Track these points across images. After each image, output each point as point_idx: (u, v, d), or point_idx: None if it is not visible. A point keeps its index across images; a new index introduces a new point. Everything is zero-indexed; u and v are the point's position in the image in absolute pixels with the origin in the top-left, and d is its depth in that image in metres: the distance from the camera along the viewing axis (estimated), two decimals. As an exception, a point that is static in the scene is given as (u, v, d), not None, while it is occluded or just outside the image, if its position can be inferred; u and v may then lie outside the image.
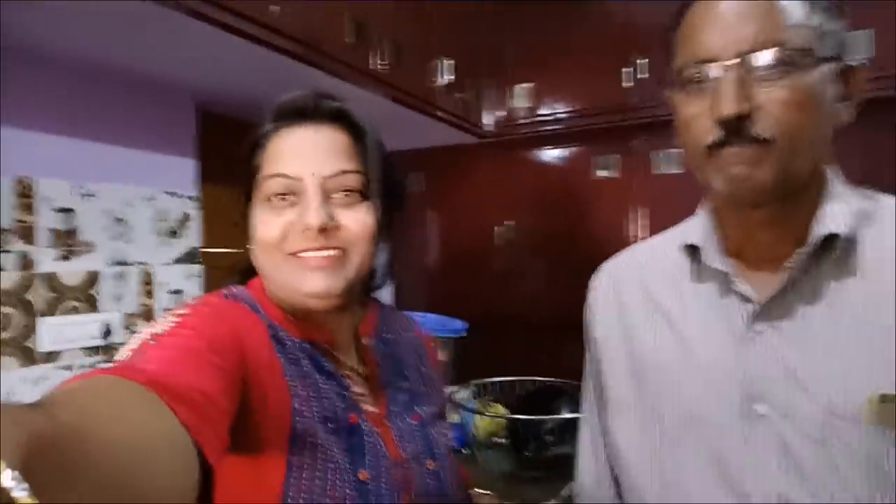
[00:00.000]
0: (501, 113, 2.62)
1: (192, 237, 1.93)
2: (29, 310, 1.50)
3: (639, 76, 2.36)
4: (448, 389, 2.06)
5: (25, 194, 1.49)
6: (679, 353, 0.72)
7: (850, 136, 0.74)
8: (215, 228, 2.00)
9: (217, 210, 1.98)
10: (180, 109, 1.90)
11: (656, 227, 0.90)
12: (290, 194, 0.71)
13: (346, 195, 0.72)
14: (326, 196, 0.71)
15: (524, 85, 2.58)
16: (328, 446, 0.66)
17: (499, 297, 2.73)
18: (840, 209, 0.66)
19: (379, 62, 1.86)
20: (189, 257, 1.92)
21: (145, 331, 0.60)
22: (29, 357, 1.50)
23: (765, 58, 0.61)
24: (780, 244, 0.68)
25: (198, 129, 1.93)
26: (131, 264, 1.75)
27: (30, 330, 1.50)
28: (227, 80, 1.76)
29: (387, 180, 0.77)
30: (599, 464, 0.85)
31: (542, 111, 2.55)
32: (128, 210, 1.74)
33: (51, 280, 1.55)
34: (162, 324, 0.60)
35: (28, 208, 1.50)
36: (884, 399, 0.58)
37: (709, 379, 0.68)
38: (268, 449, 0.63)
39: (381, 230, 0.75)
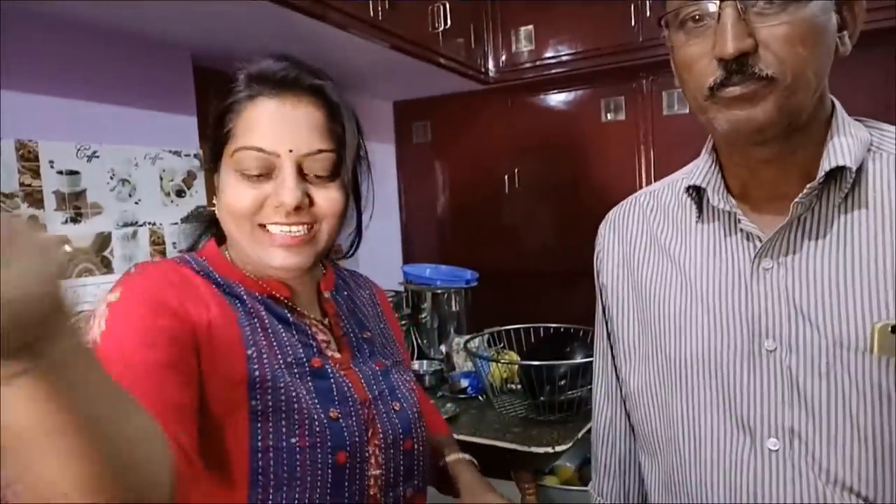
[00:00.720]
0: (504, 57, 2.57)
1: (199, 196, 1.93)
2: (43, 274, 1.52)
3: (644, 14, 2.30)
4: (462, 338, 2.09)
5: (28, 157, 1.49)
6: (687, 293, 0.72)
7: (851, 68, 0.71)
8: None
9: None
10: (180, 67, 1.87)
11: (666, 170, 0.89)
12: (264, 168, 0.70)
13: (318, 173, 0.72)
14: (301, 173, 0.71)
15: (525, 27, 2.51)
16: (293, 390, 0.67)
17: (508, 246, 2.73)
18: (847, 142, 0.65)
19: (379, 9, 1.81)
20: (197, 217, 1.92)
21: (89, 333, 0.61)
22: (47, 320, 1.52)
23: None
24: (784, 181, 0.67)
25: (195, 86, 1.91)
26: (141, 225, 1.76)
27: (45, 293, 1.52)
28: (225, 35, 1.73)
29: (358, 156, 0.77)
30: (613, 405, 0.87)
31: (546, 54, 2.50)
32: (133, 170, 1.74)
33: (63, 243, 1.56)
34: (99, 325, 0.61)
35: (33, 171, 1.50)
36: (893, 329, 0.59)
37: (717, 317, 0.69)
38: (227, 403, 0.64)
39: (349, 205, 0.76)
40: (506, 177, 2.70)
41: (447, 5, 2.16)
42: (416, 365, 2.10)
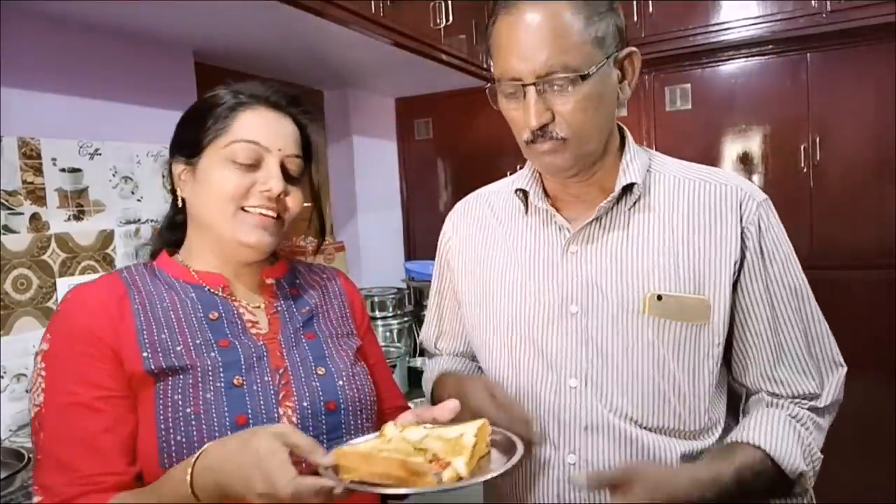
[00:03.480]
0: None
1: (202, 193, 1.93)
2: (47, 271, 1.52)
3: (647, 10, 2.29)
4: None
5: (31, 155, 1.49)
6: (516, 268, 0.95)
7: (858, 60, 0.71)
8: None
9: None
10: (181, 64, 1.87)
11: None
12: (255, 159, 0.87)
13: (291, 173, 0.90)
14: (282, 169, 0.88)
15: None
16: (192, 366, 0.82)
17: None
18: (635, 165, 0.90)
19: (380, 6, 1.81)
20: (200, 213, 1.92)
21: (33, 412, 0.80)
22: (49, 317, 1.53)
23: (556, 77, 0.80)
24: (587, 192, 0.92)
25: (197, 83, 1.90)
26: (143, 222, 1.76)
27: (49, 290, 1.53)
28: (227, 31, 1.73)
29: (317, 169, 0.99)
30: (442, 323, 1.13)
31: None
32: (135, 168, 1.74)
33: (65, 241, 1.56)
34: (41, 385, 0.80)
35: (35, 169, 1.50)
36: (659, 298, 0.84)
37: (536, 287, 0.92)
38: (139, 389, 0.81)
39: (302, 204, 0.94)
40: (508, 173, 2.69)
41: (449, 2, 2.16)
42: (417, 361, 2.11)
